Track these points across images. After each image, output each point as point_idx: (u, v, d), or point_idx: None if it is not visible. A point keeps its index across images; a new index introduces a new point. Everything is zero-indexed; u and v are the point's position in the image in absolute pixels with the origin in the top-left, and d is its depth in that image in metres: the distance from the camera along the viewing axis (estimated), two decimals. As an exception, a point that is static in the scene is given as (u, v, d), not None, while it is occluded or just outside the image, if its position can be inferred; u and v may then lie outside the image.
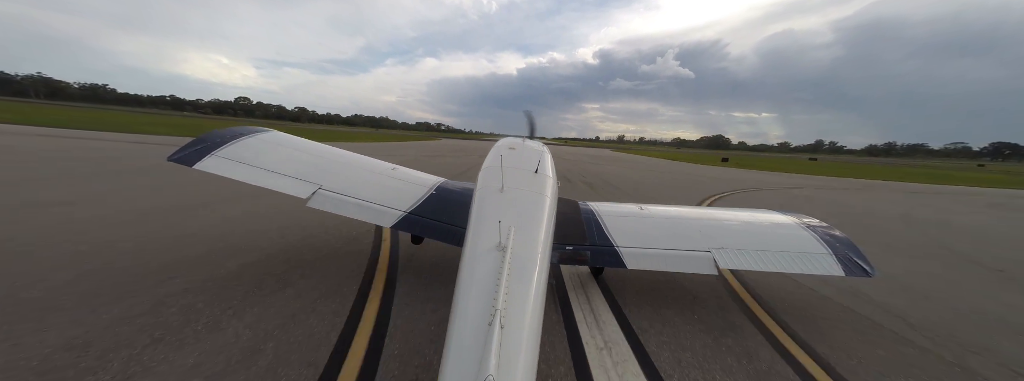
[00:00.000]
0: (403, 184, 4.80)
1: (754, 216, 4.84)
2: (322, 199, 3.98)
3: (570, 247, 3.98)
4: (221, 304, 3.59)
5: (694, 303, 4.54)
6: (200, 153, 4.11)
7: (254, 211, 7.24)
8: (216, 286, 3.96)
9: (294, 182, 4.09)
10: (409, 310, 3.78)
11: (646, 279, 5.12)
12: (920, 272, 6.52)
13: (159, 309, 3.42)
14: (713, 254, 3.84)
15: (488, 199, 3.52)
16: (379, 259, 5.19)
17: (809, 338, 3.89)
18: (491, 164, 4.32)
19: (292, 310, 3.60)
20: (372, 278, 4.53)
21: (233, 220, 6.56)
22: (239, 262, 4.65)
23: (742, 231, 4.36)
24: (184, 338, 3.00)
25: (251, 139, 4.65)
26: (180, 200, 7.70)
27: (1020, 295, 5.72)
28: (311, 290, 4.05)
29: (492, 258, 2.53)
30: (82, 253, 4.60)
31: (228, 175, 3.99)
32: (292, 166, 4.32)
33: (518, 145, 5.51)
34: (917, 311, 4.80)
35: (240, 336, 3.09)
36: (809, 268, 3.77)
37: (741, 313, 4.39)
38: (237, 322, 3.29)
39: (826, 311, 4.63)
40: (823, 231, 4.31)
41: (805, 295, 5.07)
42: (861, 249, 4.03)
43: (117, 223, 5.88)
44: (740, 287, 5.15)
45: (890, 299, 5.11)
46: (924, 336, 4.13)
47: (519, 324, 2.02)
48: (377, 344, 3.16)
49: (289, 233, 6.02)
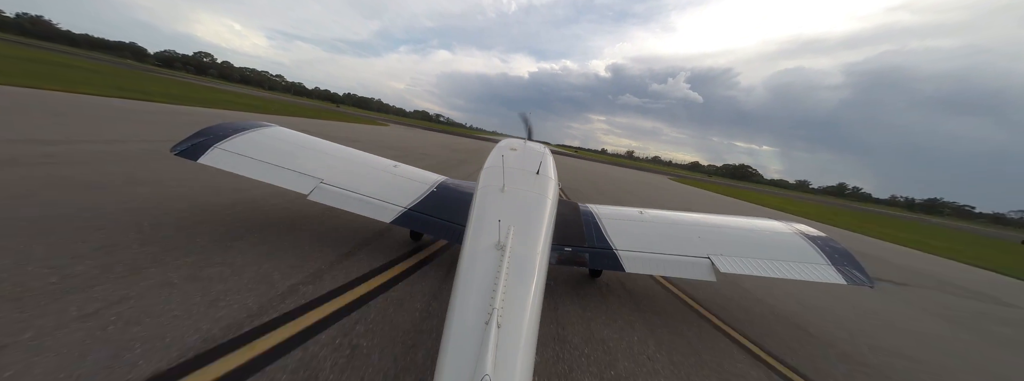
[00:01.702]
0: (404, 181, 4.81)
1: (753, 224, 4.85)
2: (322, 193, 3.99)
3: (569, 248, 3.98)
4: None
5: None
6: (203, 146, 4.11)
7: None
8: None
9: (296, 176, 4.10)
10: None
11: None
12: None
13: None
14: (711, 260, 3.84)
15: (489, 198, 3.52)
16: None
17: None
18: (493, 164, 4.33)
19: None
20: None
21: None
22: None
23: (741, 238, 4.36)
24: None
25: (253, 134, 4.66)
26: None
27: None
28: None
29: (491, 257, 2.53)
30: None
31: (230, 169, 3.99)
32: (294, 161, 4.33)
33: (520, 146, 5.52)
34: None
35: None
36: (806, 277, 3.77)
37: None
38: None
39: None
40: (822, 242, 4.31)
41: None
42: (860, 261, 4.03)
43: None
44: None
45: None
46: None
47: (517, 324, 2.02)
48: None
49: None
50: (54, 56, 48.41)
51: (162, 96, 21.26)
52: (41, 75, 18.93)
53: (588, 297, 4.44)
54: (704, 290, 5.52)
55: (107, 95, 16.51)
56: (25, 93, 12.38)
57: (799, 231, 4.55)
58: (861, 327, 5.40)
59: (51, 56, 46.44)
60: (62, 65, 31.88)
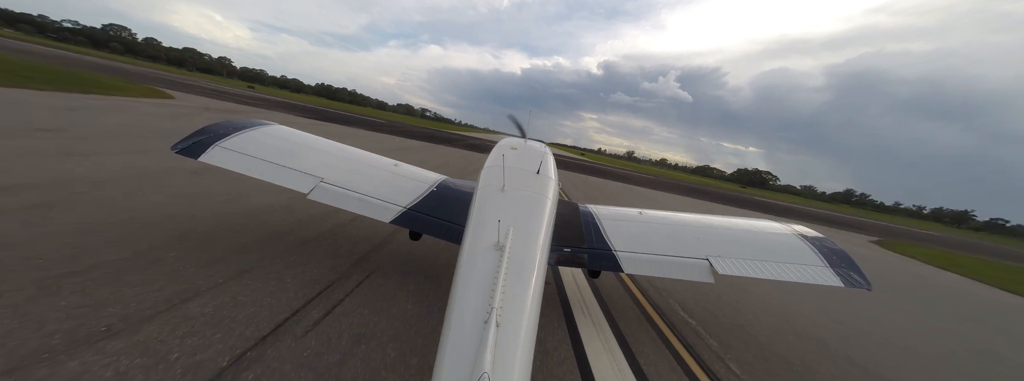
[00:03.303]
0: (404, 180, 4.81)
1: (752, 225, 4.85)
2: (322, 192, 3.99)
3: (568, 249, 3.99)
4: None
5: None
6: (203, 145, 4.12)
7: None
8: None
9: (296, 175, 4.10)
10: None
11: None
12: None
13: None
14: (710, 262, 3.85)
15: (489, 198, 3.53)
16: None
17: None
18: (493, 163, 4.33)
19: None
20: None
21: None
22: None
23: (739, 240, 4.36)
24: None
25: (254, 132, 4.66)
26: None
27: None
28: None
29: (490, 257, 2.54)
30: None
31: (230, 167, 4.00)
32: (294, 159, 4.33)
33: (520, 145, 5.52)
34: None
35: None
36: (805, 279, 3.78)
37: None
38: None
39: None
40: (820, 243, 4.31)
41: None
42: (858, 263, 4.03)
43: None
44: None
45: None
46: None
47: (515, 323, 2.03)
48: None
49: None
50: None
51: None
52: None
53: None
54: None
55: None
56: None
57: (797, 232, 4.55)
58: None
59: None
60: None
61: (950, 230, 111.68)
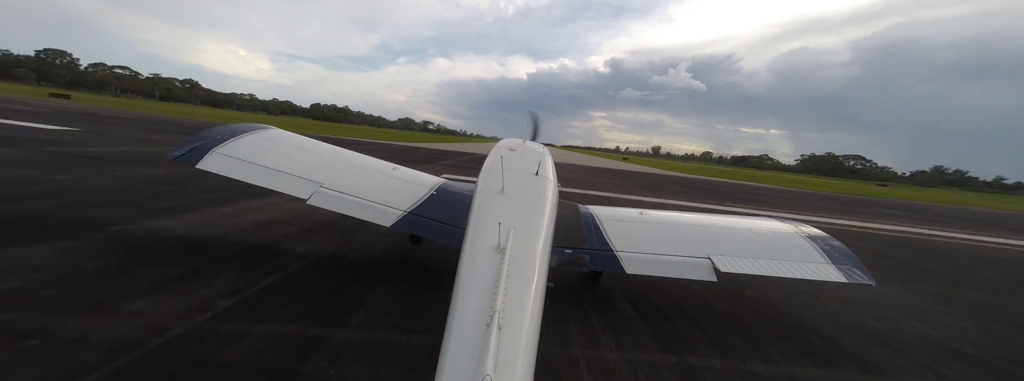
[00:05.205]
0: (403, 184, 4.80)
1: (753, 224, 4.84)
2: (322, 197, 3.98)
3: (569, 250, 3.97)
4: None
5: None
6: (201, 151, 4.11)
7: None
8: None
9: (294, 180, 4.09)
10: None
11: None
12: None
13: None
14: (712, 260, 3.83)
15: (488, 200, 3.52)
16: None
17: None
18: (492, 165, 4.32)
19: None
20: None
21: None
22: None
23: (741, 238, 4.36)
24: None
25: (252, 136, 4.65)
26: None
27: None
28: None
29: (491, 260, 2.52)
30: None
31: (229, 174, 3.98)
32: (292, 164, 4.32)
33: (518, 146, 5.51)
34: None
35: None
36: (807, 275, 3.77)
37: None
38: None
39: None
40: (823, 241, 4.30)
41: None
42: (859, 260, 4.02)
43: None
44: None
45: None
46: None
47: (518, 326, 2.01)
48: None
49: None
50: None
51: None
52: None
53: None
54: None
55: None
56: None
57: (799, 230, 4.55)
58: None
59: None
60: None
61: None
